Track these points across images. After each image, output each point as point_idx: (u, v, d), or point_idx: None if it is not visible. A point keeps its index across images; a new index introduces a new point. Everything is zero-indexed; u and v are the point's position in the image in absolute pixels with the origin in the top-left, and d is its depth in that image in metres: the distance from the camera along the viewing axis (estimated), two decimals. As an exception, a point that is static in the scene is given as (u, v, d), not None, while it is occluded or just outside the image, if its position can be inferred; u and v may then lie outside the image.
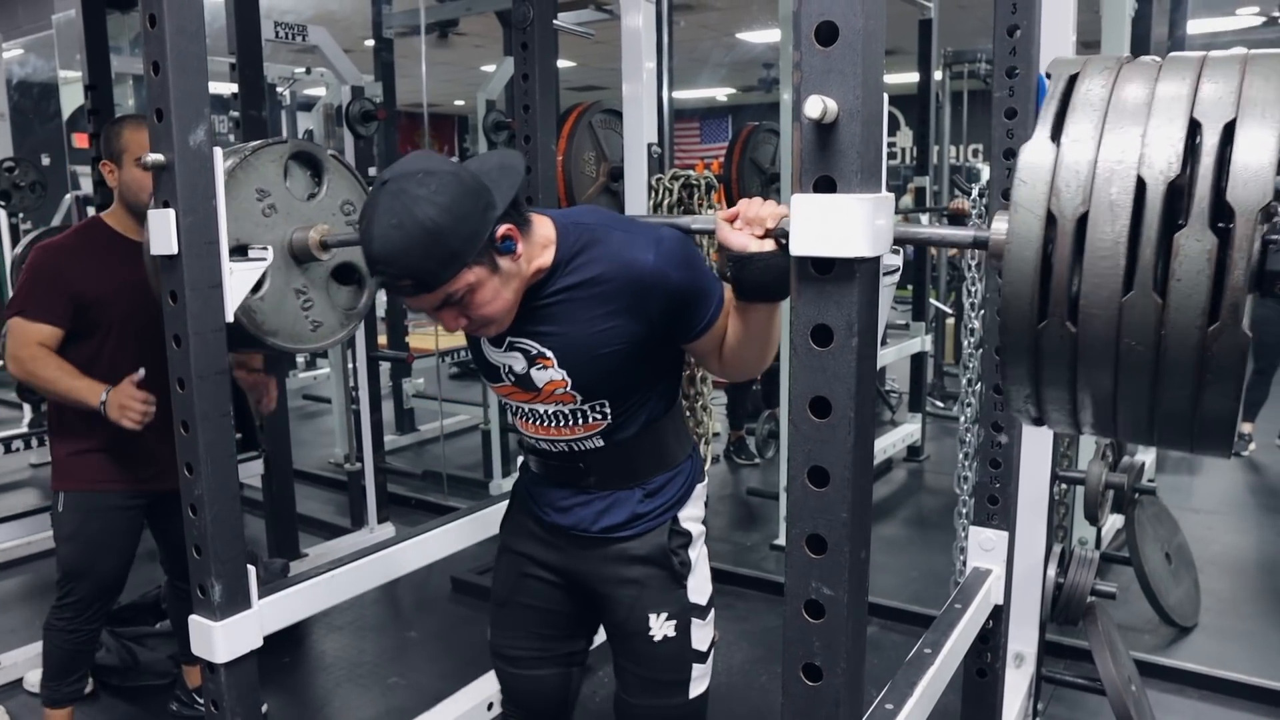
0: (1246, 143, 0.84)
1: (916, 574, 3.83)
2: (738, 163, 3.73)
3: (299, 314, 2.06)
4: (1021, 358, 0.96)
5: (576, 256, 1.56)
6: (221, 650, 1.76)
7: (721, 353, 1.58)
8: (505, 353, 1.63)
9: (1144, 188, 0.86)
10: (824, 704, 1.12)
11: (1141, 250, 0.87)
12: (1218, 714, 2.78)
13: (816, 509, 1.07)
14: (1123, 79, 0.94)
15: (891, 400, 6.13)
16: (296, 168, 2.07)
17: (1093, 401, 0.96)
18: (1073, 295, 0.90)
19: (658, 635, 1.69)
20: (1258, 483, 5.07)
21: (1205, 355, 0.87)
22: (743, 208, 1.36)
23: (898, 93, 12.65)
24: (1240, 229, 0.83)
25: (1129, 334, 0.88)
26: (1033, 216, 0.91)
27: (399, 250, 1.38)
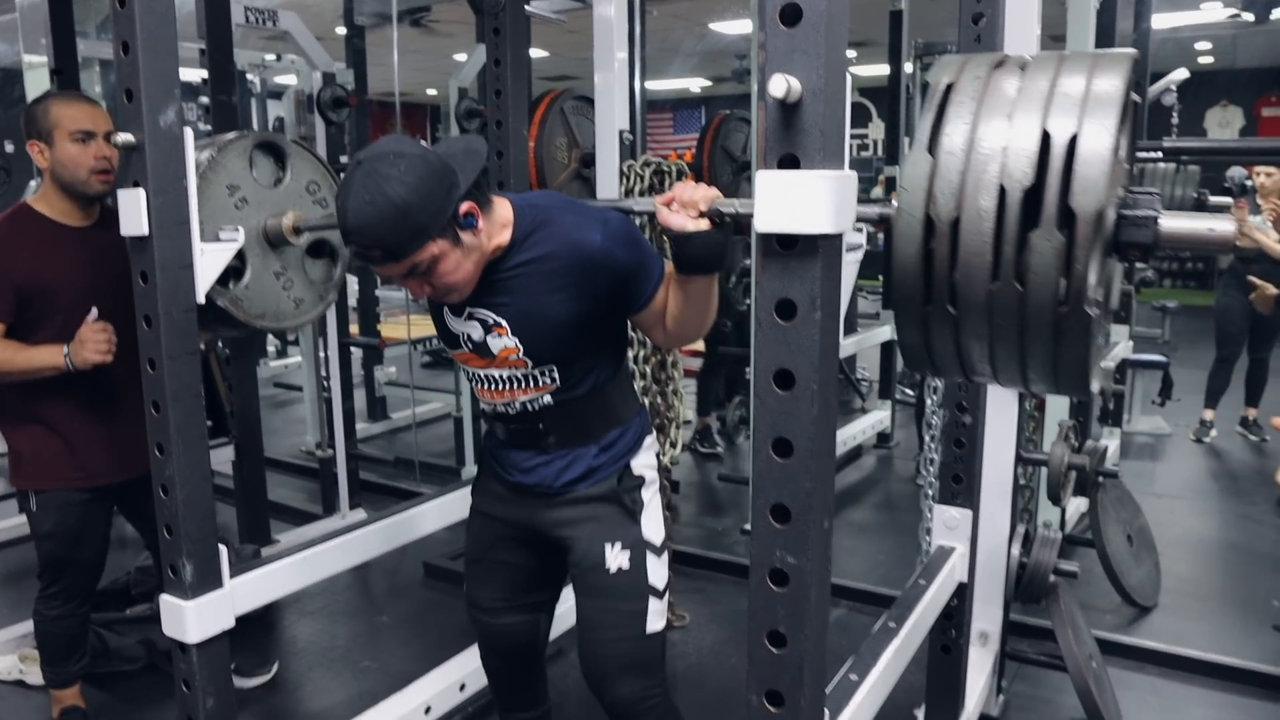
0: (1087, 153, 1.00)
1: (884, 557, 3.88)
2: (709, 151, 3.75)
3: (281, 295, 2.15)
4: (913, 330, 1.13)
5: (531, 235, 1.71)
6: (193, 630, 1.77)
7: (665, 323, 1.74)
8: (465, 322, 1.78)
9: (1005, 195, 1.02)
10: (788, 669, 1.15)
11: (1004, 247, 1.02)
12: (1176, 690, 2.84)
13: (781, 479, 1.10)
14: (991, 90, 1.08)
15: (862, 388, 6.18)
16: (261, 157, 2.13)
17: (974, 359, 1.14)
18: (951, 282, 1.06)
19: (613, 566, 1.80)
20: (1219, 468, 5.17)
21: (1058, 330, 1.04)
22: (678, 191, 1.50)
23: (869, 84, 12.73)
24: (1081, 230, 0.99)
25: (998, 315, 1.05)
26: (914, 220, 1.06)
27: (370, 224, 1.52)
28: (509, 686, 2.07)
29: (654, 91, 13.08)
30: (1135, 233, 1.09)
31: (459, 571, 3.57)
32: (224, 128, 3.19)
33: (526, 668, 2.04)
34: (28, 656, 2.93)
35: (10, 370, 2.21)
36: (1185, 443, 5.47)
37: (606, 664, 1.82)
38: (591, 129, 2.96)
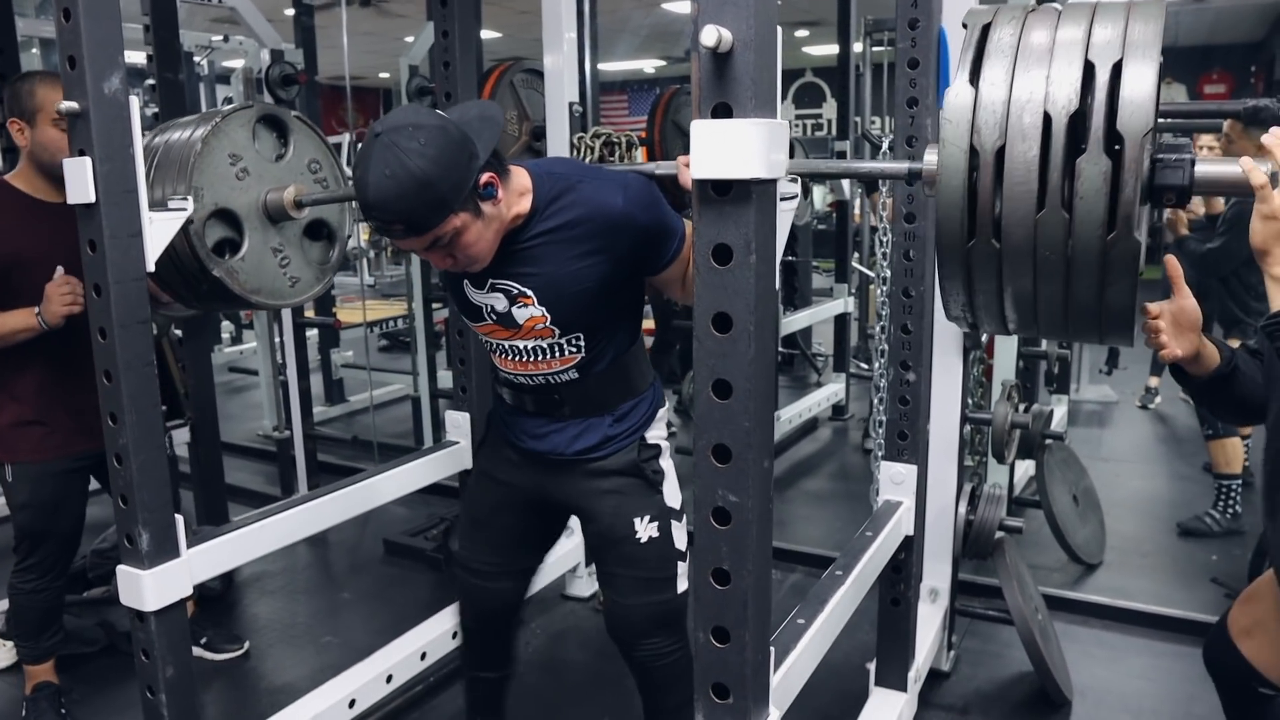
0: (1132, 79, 0.99)
1: (840, 524, 3.96)
2: (660, 125, 3.77)
3: (278, 271, 2.17)
4: (956, 272, 1.12)
5: (552, 203, 1.71)
6: (151, 598, 1.78)
7: (684, 282, 1.77)
8: (487, 294, 1.77)
9: (1050, 121, 1.01)
10: (733, 605, 1.20)
11: (1050, 175, 1.02)
12: (1119, 640, 2.94)
13: (721, 420, 1.14)
14: (1028, 28, 1.08)
15: (818, 363, 6.26)
16: (264, 131, 2.17)
17: (1015, 303, 1.13)
18: (995, 216, 1.05)
19: (643, 537, 1.83)
20: (1164, 433, 5.31)
21: (1106, 259, 1.03)
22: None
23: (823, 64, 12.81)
24: (1129, 152, 0.98)
25: (1044, 245, 1.04)
26: (958, 150, 1.05)
27: (392, 198, 1.51)
28: (482, 646, 2.10)
29: (607, 73, 13.07)
30: (1170, 175, 1.08)
31: (419, 548, 3.61)
32: (171, 108, 3.15)
33: (502, 630, 2.08)
34: (-12, 640, 2.91)
35: None
36: (1131, 409, 5.61)
37: (637, 624, 1.86)
38: (541, 101, 2.98)
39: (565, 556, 3.09)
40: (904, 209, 2.11)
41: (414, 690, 2.66)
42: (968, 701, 2.63)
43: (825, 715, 2.48)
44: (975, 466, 3.48)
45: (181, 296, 2.16)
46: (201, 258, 2.02)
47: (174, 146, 2.07)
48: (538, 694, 2.69)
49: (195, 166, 2.01)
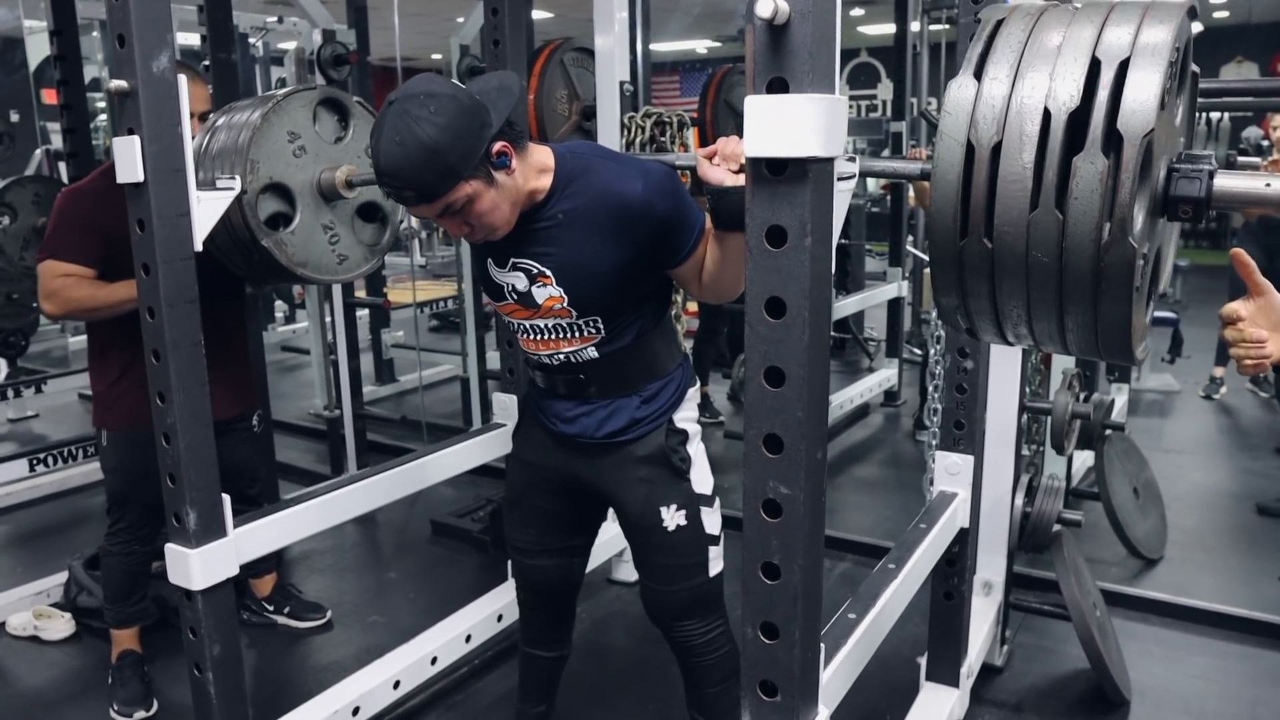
0: (1136, 79, 0.95)
1: (890, 512, 3.89)
2: (712, 104, 3.71)
3: (326, 248, 2.21)
4: (948, 271, 1.07)
5: (572, 183, 1.71)
6: (198, 577, 1.79)
7: (701, 277, 1.74)
8: (509, 272, 1.78)
9: (1049, 118, 0.97)
10: (783, 601, 1.16)
11: (1045, 173, 0.97)
12: (1179, 639, 2.85)
13: (773, 409, 1.10)
14: (1040, 25, 1.04)
15: (870, 348, 6.16)
16: (325, 113, 2.22)
17: (1009, 309, 1.07)
18: (989, 214, 1.01)
19: (671, 525, 1.83)
20: (1228, 424, 5.15)
21: (1099, 265, 0.97)
22: (720, 145, 1.50)
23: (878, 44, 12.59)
24: (1127, 153, 0.94)
25: (1035, 247, 0.99)
26: (955, 144, 1.01)
27: (401, 165, 1.53)
28: (537, 622, 2.10)
29: (659, 53, 12.96)
30: (1186, 185, 1.03)
31: (466, 529, 3.61)
32: (224, 88, 3.17)
33: (557, 607, 2.09)
34: (42, 613, 2.97)
35: (96, 306, 2.31)
36: (1194, 400, 5.45)
37: (670, 607, 1.88)
38: (592, 81, 2.94)
39: (610, 541, 3.06)
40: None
41: (459, 672, 2.66)
42: (1021, 698, 2.56)
43: (873, 709, 2.43)
44: (1032, 456, 3.39)
45: (234, 264, 2.18)
46: (253, 228, 2.05)
47: (235, 124, 2.10)
48: (582, 679, 2.67)
49: (253, 141, 2.04)
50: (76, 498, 4.05)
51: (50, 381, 4.80)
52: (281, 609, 3.01)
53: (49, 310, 2.37)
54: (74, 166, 3.85)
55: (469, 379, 4.81)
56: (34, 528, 3.84)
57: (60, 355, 6.73)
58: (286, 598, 3.04)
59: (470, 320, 4.79)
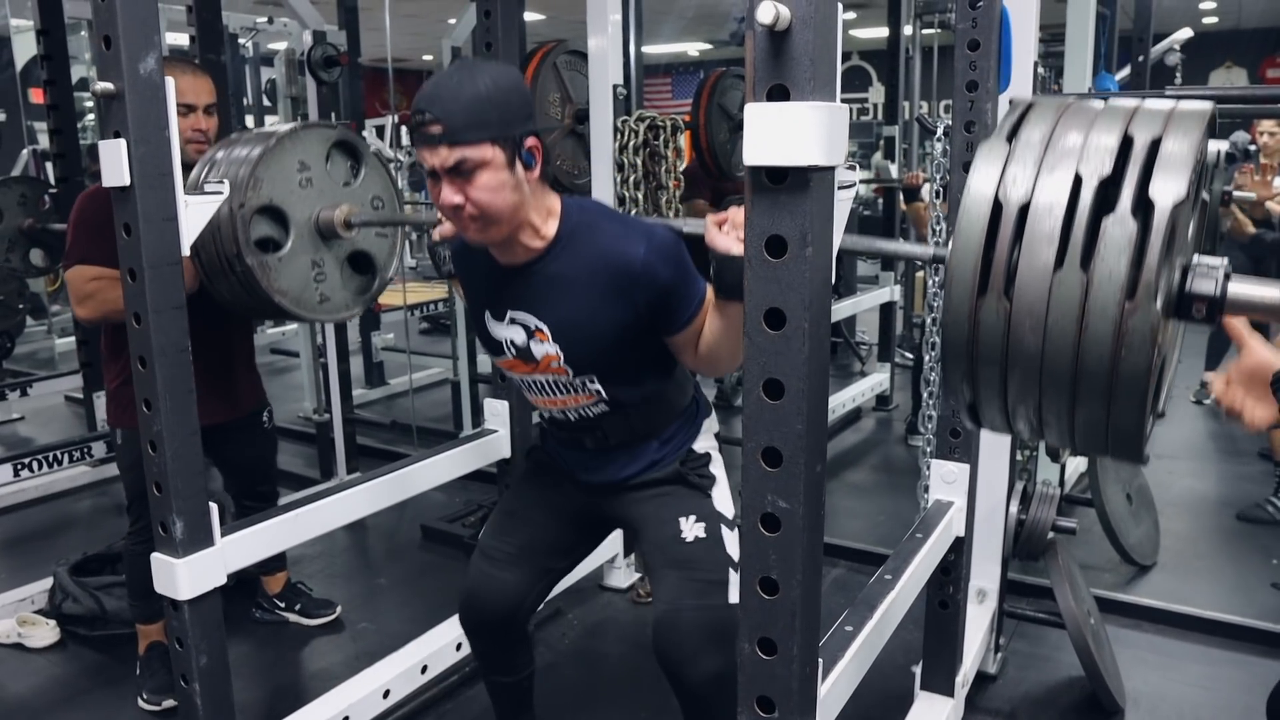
0: (1169, 152, 0.96)
1: (883, 517, 3.88)
2: (705, 108, 3.70)
3: (310, 283, 2.17)
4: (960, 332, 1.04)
5: (574, 236, 1.68)
6: (185, 587, 1.76)
7: (698, 347, 1.69)
8: (507, 326, 1.76)
9: (1080, 182, 0.98)
10: (781, 616, 1.14)
11: (1073, 233, 0.97)
12: (1174, 646, 2.84)
13: (772, 422, 1.08)
14: (1071, 112, 1.05)
15: (861, 351, 6.16)
16: (339, 155, 2.22)
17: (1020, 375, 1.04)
18: (1010, 271, 1.00)
19: (689, 535, 1.77)
20: (1219, 430, 5.15)
21: (1120, 329, 0.96)
22: (731, 213, 1.47)
23: (868, 48, 12.61)
24: (1157, 221, 0.94)
25: (1057, 308, 0.98)
26: (983, 200, 1.01)
27: (448, 94, 1.52)
28: (485, 649, 2.02)
29: (651, 56, 12.96)
30: (1202, 283, 1.04)
31: (456, 534, 3.59)
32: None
33: (504, 632, 1.96)
34: (27, 620, 2.93)
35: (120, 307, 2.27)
36: (1185, 405, 5.45)
37: (689, 637, 1.69)
38: (584, 84, 2.92)
39: (603, 548, 3.04)
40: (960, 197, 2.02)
41: (449, 680, 2.63)
42: (1015, 706, 2.55)
43: (866, 718, 2.41)
44: (1024, 463, 3.38)
45: (213, 282, 2.14)
46: (240, 242, 2.01)
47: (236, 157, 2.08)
48: (573, 686, 2.65)
49: (263, 159, 2.02)
50: (62, 502, 4.01)
51: (36, 384, 4.76)
52: (293, 606, 3.02)
53: (85, 315, 2.36)
54: (61, 167, 3.82)
55: (459, 382, 4.78)
56: (18, 533, 3.80)
57: (47, 357, 6.67)
58: (297, 595, 3.05)
59: (461, 322, 4.76)
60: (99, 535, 3.36)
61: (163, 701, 2.54)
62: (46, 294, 6.61)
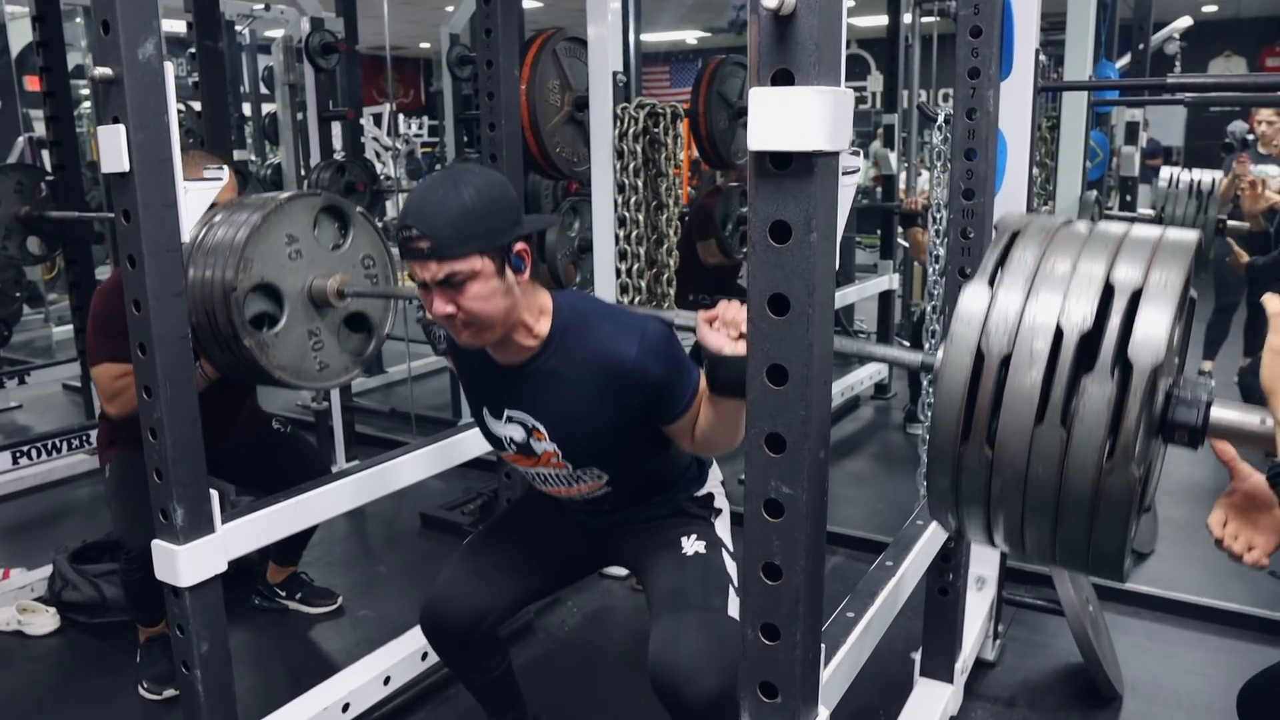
0: (1148, 313, 0.98)
1: (882, 506, 3.88)
2: (705, 96, 3.68)
3: (309, 354, 2.19)
4: (945, 473, 1.08)
5: (567, 336, 1.70)
6: (185, 574, 1.76)
7: (694, 433, 1.70)
8: (506, 424, 1.80)
9: (1061, 336, 0.99)
10: (784, 602, 1.14)
11: (1054, 390, 0.99)
12: (1171, 633, 2.85)
13: (775, 407, 1.08)
14: (1056, 245, 1.07)
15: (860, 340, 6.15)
16: (326, 220, 2.21)
17: (1003, 517, 1.08)
18: (992, 423, 1.02)
19: (689, 551, 1.80)
20: (1216, 418, 5.16)
21: (1099, 489, 0.99)
22: (722, 309, 1.47)
23: (867, 36, 12.57)
24: (1136, 382, 0.96)
25: (1037, 462, 1.01)
26: (965, 350, 1.03)
27: (434, 210, 1.53)
28: (448, 656, 2.04)
29: (649, 44, 12.92)
30: (1185, 413, 1.06)
31: (456, 522, 3.59)
32: (211, 76, 3.13)
33: (464, 641, 1.95)
34: (26, 608, 2.93)
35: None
36: (1183, 393, 5.46)
37: (688, 652, 1.62)
38: (584, 71, 2.91)
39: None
40: (962, 185, 2.02)
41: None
42: (1014, 693, 2.56)
43: (867, 704, 2.42)
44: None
45: (210, 353, 2.17)
46: (237, 325, 2.02)
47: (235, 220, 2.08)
48: (572, 674, 2.66)
49: (250, 239, 2.02)
50: (61, 490, 4.00)
51: (34, 372, 4.76)
52: (293, 595, 3.03)
53: (115, 412, 2.41)
54: (57, 154, 3.80)
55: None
56: (18, 521, 3.80)
57: (44, 346, 6.66)
58: (299, 585, 3.05)
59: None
60: (98, 523, 3.36)
61: (163, 691, 2.54)
62: (43, 282, 6.60)
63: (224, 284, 1.99)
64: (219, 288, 2.00)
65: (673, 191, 2.89)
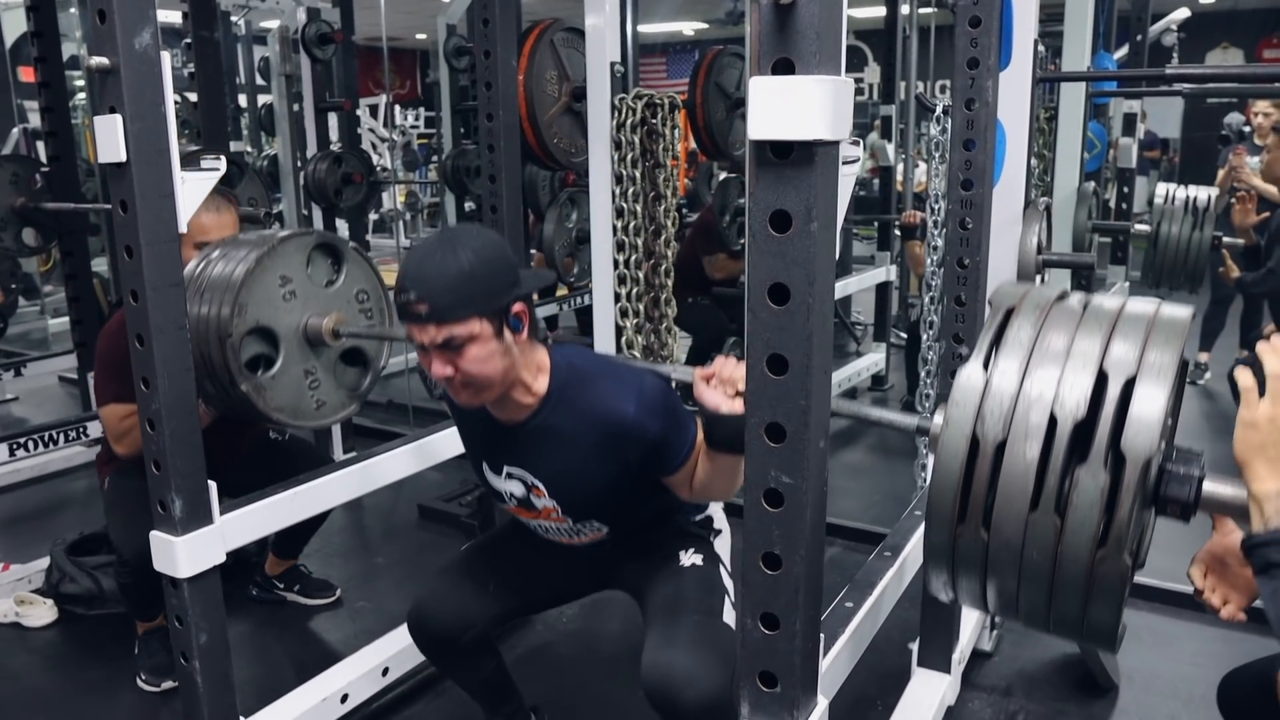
0: (1141, 401, 0.99)
1: (879, 497, 3.89)
2: (702, 86, 3.68)
3: (305, 393, 2.18)
4: (942, 552, 1.10)
5: (565, 394, 1.71)
6: (184, 565, 1.76)
7: (692, 484, 1.71)
8: (506, 480, 1.81)
9: (1055, 424, 1.01)
10: (784, 592, 1.14)
11: (1047, 478, 1.01)
12: (1167, 624, 2.86)
13: (775, 397, 1.08)
14: (1050, 323, 1.08)
15: (857, 332, 6.16)
16: (319, 256, 2.20)
17: (999, 594, 1.11)
18: (988, 507, 1.04)
19: (686, 563, 1.82)
20: (1211, 410, 5.17)
21: (1093, 574, 1.01)
22: (718, 367, 1.47)
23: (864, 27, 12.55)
24: (1129, 474, 0.98)
25: (1031, 547, 1.03)
26: (960, 436, 1.04)
27: (431, 275, 1.52)
28: (436, 660, 2.07)
29: (646, 34, 12.89)
30: (1177, 489, 1.07)
31: (453, 513, 3.59)
32: (207, 67, 3.12)
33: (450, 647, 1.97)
34: (24, 599, 2.93)
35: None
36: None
37: (679, 655, 1.63)
38: (582, 62, 2.90)
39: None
40: (960, 175, 2.02)
41: (447, 658, 2.64)
42: (1011, 683, 2.57)
43: (864, 695, 2.43)
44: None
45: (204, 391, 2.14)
46: (233, 371, 2.01)
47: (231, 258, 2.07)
48: (571, 665, 2.67)
49: (244, 284, 2.01)
50: (58, 482, 4.00)
51: (30, 364, 4.74)
52: (291, 587, 3.02)
53: (123, 452, 2.42)
54: (52, 145, 3.78)
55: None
56: (15, 513, 3.80)
57: (40, 338, 6.65)
58: (297, 577, 3.05)
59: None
60: (95, 515, 3.35)
61: (162, 682, 2.54)
62: (39, 274, 6.58)
63: (219, 330, 1.99)
64: (214, 334, 1.99)
65: (670, 183, 2.89)
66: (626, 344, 2.91)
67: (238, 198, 3.49)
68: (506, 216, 2.46)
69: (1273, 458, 1.06)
